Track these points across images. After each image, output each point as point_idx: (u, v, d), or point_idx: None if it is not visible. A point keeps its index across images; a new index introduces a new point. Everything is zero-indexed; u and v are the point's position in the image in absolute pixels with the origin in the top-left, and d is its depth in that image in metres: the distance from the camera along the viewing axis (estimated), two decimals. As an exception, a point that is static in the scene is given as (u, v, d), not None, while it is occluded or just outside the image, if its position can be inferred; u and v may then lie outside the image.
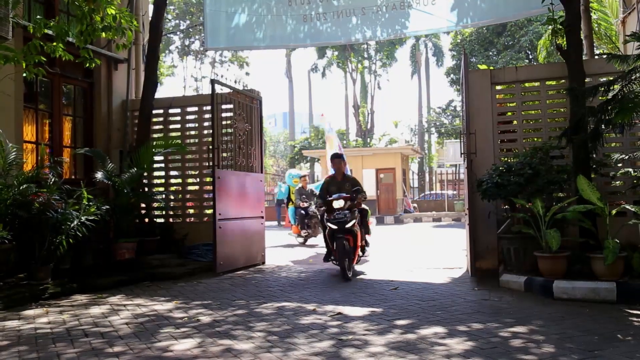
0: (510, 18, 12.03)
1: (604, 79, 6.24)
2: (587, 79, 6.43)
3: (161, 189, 9.00)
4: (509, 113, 7.34)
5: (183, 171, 9.12)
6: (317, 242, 11.71)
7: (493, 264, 6.89)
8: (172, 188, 9.17)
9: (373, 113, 39.56)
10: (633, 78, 5.44)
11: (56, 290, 5.96)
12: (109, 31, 6.38)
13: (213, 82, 7.77)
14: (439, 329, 4.18)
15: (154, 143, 8.39)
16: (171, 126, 9.28)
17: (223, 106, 8.22)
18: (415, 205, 26.85)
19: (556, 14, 6.85)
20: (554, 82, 7.09)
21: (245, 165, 8.50)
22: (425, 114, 43.24)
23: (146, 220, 8.62)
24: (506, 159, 7.10)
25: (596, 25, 10.12)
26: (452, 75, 31.26)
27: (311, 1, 9.30)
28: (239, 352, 3.67)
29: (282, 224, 22.66)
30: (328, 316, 4.72)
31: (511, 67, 7.53)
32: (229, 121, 8.30)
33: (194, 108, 9.14)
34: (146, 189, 8.76)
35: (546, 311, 4.75)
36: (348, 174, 8.23)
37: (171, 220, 8.90)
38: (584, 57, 7.07)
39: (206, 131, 8.80)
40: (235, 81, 8.34)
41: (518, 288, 5.78)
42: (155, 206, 8.90)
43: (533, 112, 7.30)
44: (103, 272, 6.92)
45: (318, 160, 30.74)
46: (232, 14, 9.73)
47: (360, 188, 7.50)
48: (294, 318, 4.67)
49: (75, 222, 6.23)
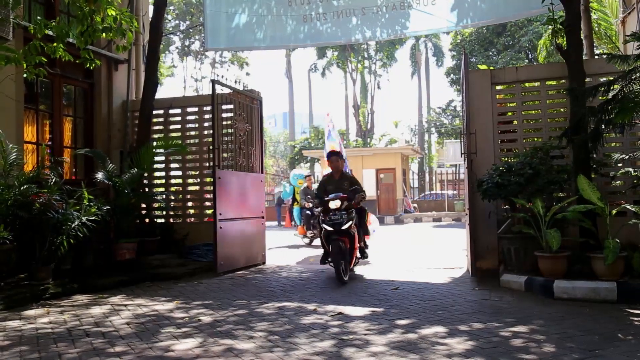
0: (510, 18, 12.04)
1: (604, 79, 6.25)
2: (587, 79, 6.43)
3: (162, 190, 9.00)
4: (509, 113, 7.34)
5: (183, 171, 9.13)
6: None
7: (493, 264, 6.90)
8: (173, 188, 9.17)
9: (373, 113, 39.58)
10: (633, 78, 5.45)
11: (57, 290, 5.97)
12: (110, 32, 6.39)
13: (214, 83, 7.78)
14: (440, 329, 4.18)
15: (155, 143, 8.39)
16: (171, 126, 9.29)
17: (223, 106, 8.23)
18: (415, 205, 26.87)
19: (556, 14, 6.86)
20: (554, 82, 7.10)
21: (245, 165, 8.51)
22: (425, 114, 43.28)
23: (147, 220, 8.63)
24: (506, 159, 7.10)
25: (596, 25, 10.12)
26: (452, 75, 31.27)
27: (311, 1, 9.30)
28: (241, 352, 3.68)
29: (283, 224, 22.66)
30: (329, 316, 4.73)
31: (511, 67, 7.54)
32: (230, 121, 8.31)
33: (194, 108, 9.15)
34: (147, 190, 8.77)
35: (547, 311, 4.76)
36: (347, 173, 7.91)
37: (172, 220, 8.90)
38: (584, 57, 7.08)
39: (206, 131, 8.81)
40: (235, 81, 8.35)
41: (518, 288, 5.78)
42: (155, 206, 8.90)
43: (533, 112, 7.30)
44: (104, 273, 6.94)
45: (318, 160, 30.74)
46: (233, 15, 9.74)
47: (358, 187, 7.19)
48: (295, 318, 4.68)
49: (76, 223, 6.24)
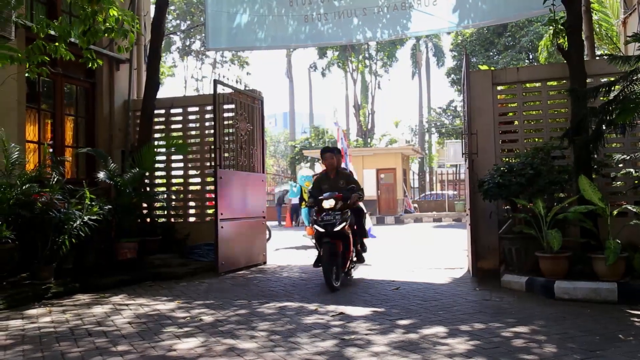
0: (511, 19, 12.06)
1: (605, 80, 6.25)
2: (589, 80, 6.43)
3: (163, 189, 9.01)
4: (511, 113, 7.34)
5: (185, 171, 9.14)
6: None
7: (494, 264, 6.91)
8: (174, 188, 9.18)
9: (374, 113, 39.54)
10: (634, 79, 5.45)
11: (59, 289, 5.99)
12: (112, 33, 6.40)
13: (216, 83, 7.79)
14: (441, 329, 4.19)
15: (156, 143, 8.40)
16: (173, 126, 9.31)
17: (225, 106, 8.24)
18: (415, 205, 26.89)
19: (557, 15, 6.87)
20: (555, 83, 7.11)
21: (247, 165, 8.52)
22: (425, 114, 43.31)
23: (148, 220, 8.63)
24: (507, 159, 7.10)
25: (597, 26, 10.13)
26: (453, 75, 31.26)
27: (312, 2, 9.31)
28: (243, 351, 3.69)
29: (283, 224, 22.67)
30: (330, 316, 4.74)
31: (512, 68, 7.55)
32: (231, 121, 8.32)
33: (196, 108, 9.15)
34: (148, 189, 8.78)
35: (547, 311, 4.77)
36: (344, 170, 7.42)
37: (173, 220, 8.91)
38: (585, 58, 7.09)
39: (207, 131, 8.84)
40: (236, 81, 8.36)
41: (519, 288, 5.79)
42: (157, 206, 8.90)
43: (534, 113, 7.31)
44: (105, 272, 6.94)
45: (319, 160, 30.71)
46: (234, 15, 9.75)
47: (355, 186, 6.69)
48: (296, 318, 4.69)
49: (77, 222, 6.24)
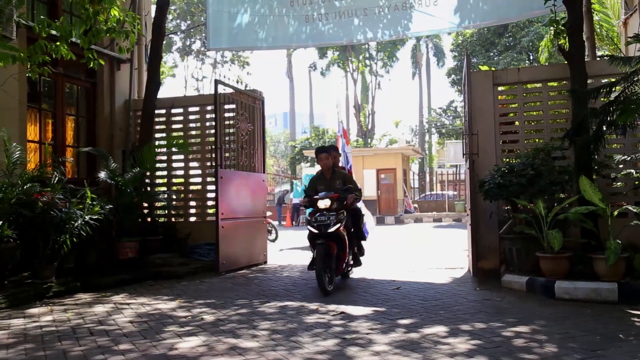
0: (512, 19, 12.08)
1: (606, 81, 6.26)
2: (589, 81, 6.44)
3: (164, 189, 9.02)
4: (511, 114, 7.35)
5: (185, 171, 9.15)
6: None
7: (495, 264, 6.92)
8: (175, 187, 9.18)
9: (374, 113, 39.53)
10: (635, 80, 5.46)
11: (60, 288, 6.00)
12: (113, 33, 6.40)
13: (217, 83, 7.81)
14: (442, 328, 4.20)
15: (157, 143, 8.41)
16: (173, 126, 9.32)
17: (226, 106, 8.25)
18: (415, 205, 26.90)
19: (558, 16, 6.88)
20: (556, 84, 7.12)
21: (247, 165, 8.53)
22: (426, 115, 43.33)
23: (149, 219, 8.64)
24: (508, 160, 7.11)
25: (598, 26, 10.14)
26: (453, 75, 31.29)
27: (313, 2, 9.32)
28: (244, 350, 3.70)
29: (283, 224, 22.69)
30: (331, 315, 4.75)
31: (513, 68, 7.56)
32: (232, 121, 8.33)
33: (196, 108, 9.17)
34: (149, 189, 8.79)
35: (548, 311, 4.78)
36: (340, 170, 7.18)
37: (174, 219, 8.92)
38: (586, 59, 7.09)
39: (208, 131, 8.85)
40: (237, 81, 8.38)
41: (520, 288, 5.80)
42: (158, 205, 8.91)
43: (535, 113, 7.31)
44: (106, 271, 6.96)
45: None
46: (235, 15, 9.75)
47: (352, 186, 6.47)
48: (298, 317, 4.70)
49: (79, 221, 6.26)
